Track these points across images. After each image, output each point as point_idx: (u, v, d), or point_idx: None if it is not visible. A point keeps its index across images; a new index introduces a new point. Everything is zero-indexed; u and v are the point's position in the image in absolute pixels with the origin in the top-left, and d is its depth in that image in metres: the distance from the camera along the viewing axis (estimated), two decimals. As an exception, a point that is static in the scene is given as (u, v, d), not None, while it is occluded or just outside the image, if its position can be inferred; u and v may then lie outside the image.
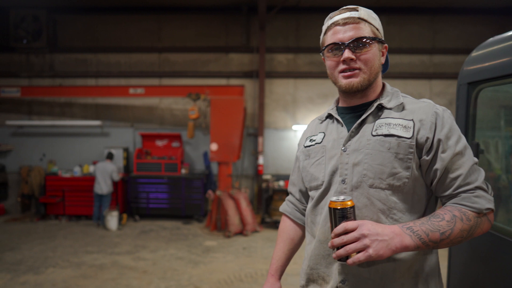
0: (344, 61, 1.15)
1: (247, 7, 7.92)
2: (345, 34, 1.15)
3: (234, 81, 8.20)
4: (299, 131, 8.17)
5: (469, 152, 1.13)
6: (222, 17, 8.22)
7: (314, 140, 1.31)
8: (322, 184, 1.24)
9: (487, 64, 1.58)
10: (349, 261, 1.02)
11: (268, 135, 8.22)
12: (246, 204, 6.87)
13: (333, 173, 1.21)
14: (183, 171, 7.70)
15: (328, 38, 1.20)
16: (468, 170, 1.10)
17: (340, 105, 1.32)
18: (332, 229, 1.06)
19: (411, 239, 1.03)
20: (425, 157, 1.13)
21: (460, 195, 1.10)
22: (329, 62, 1.21)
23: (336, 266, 1.19)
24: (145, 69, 8.28)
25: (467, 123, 1.70)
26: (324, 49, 1.22)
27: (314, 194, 1.28)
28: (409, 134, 1.12)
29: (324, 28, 1.24)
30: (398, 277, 1.13)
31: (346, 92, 1.21)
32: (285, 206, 1.51)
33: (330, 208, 1.06)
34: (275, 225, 7.14)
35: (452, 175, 1.10)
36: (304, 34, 8.19)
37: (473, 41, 7.97)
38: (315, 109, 8.22)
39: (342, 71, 1.18)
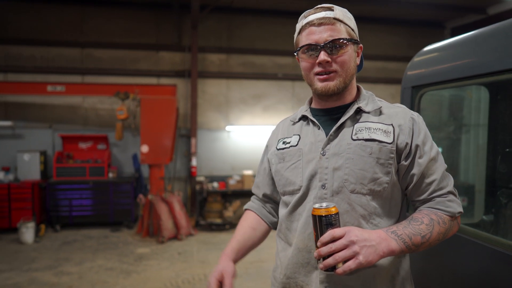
0: (319, 64, 1.12)
1: (179, 5, 7.68)
2: (320, 35, 1.12)
3: (165, 81, 7.90)
4: (233, 131, 8.16)
5: (441, 157, 1.18)
6: (153, 13, 7.86)
7: (289, 143, 1.26)
8: (299, 189, 1.19)
9: (430, 69, 1.70)
10: (339, 270, 0.97)
11: (201, 136, 8.07)
12: (179, 207, 6.67)
13: (312, 178, 1.17)
14: (111, 174, 7.22)
15: (303, 38, 1.16)
16: (441, 175, 1.15)
17: (313, 106, 1.28)
18: (317, 238, 1.01)
19: (397, 243, 1.03)
20: (403, 162, 1.14)
21: (435, 200, 1.14)
22: (304, 64, 1.17)
23: (316, 275, 1.15)
24: (65, 65, 7.57)
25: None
26: (298, 50, 1.18)
27: (289, 200, 1.23)
28: (390, 139, 1.13)
29: (298, 27, 1.20)
30: (378, 282, 1.13)
31: (322, 95, 1.19)
32: (251, 203, 1.44)
33: (314, 216, 1.01)
34: (210, 227, 7.03)
35: (427, 180, 1.14)
36: (237, 34, 8.19)
37: (390, 49, 8.72)
38: (248, 109, 8.28)
39: (318, 73, 1.15)
